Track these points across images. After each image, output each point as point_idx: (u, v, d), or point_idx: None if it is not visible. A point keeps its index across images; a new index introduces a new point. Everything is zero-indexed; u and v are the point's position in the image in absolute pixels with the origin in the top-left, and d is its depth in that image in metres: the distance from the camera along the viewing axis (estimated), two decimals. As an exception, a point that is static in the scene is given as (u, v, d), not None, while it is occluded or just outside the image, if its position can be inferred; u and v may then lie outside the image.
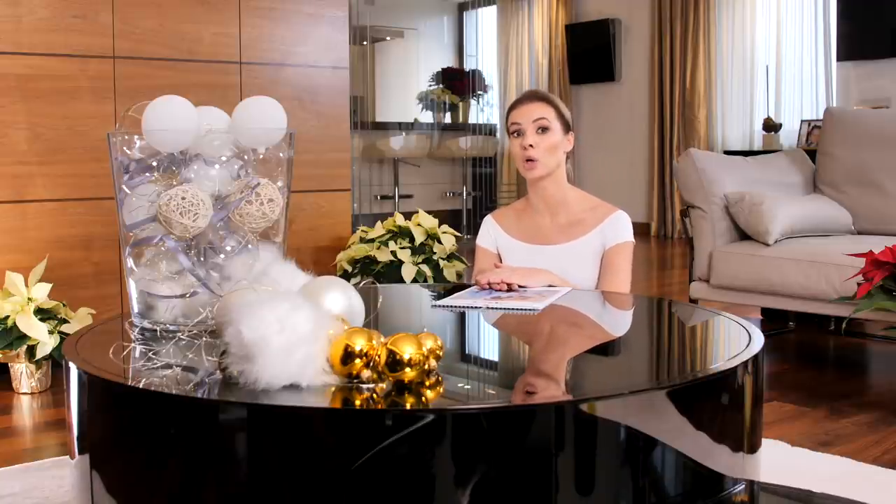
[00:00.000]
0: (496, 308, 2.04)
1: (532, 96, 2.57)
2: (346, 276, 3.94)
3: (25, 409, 3.08)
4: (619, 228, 2.52)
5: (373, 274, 3.89)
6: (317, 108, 4.23)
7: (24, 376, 3.22)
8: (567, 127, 2.56)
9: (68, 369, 1.52)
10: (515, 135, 2.53)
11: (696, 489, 1.40)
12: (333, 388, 1.33)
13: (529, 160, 2.49)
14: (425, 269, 3.81)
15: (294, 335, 1.32)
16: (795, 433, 2.73)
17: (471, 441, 1.23)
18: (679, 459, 1.36)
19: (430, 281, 3.76)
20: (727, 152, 7.66)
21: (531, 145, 2.48)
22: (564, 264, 2.47)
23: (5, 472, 2.40)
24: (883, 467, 2.44)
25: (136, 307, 1.80)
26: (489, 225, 2.66)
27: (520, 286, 2.24)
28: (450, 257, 3.91)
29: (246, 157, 1.81)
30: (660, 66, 8.69)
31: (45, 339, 3.14)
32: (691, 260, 3.96)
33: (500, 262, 2.59)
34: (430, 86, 9.63)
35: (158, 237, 1.75)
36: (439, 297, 2.27)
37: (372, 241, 4.05)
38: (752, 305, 4.03)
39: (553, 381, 1.52)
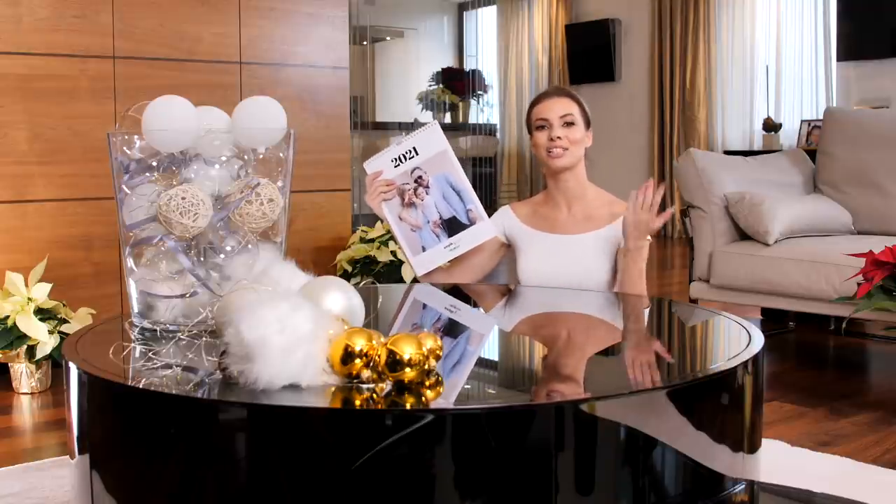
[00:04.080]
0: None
1: (557, 92, 2.59)
2: (346, 276, 3.94)
3: (25, 409, 3.08)
4: None
5: (373, 274, 3.89)
6: (317, 108, 4.23)
7: (24, 376, 3.22)
8: (588, 124, 2.58)
9: (68, 369, 1.51)
10: (540, 129, 2.54)
11: (696, 489, 1.40)
12: (333, 388, 1.33)
13: (556, 149, 2.50)
14: (425, 269, 3.80)
15: (294, 335, 1.32)
16: (795, 433, 2.73)
17: (471, 441, 1.23)
18: (679, 459, 1.36)
19: (430, 281, 3.76)
20: (727, 152, 7.65)
21: (559, 137, 2.50)
22: (577, 255, 2.49)
23: (5, 472, 2.40)
24: (883, 467, 2.44)
25: (136, 307, 1.80)
26: (504, 213, 2.67)
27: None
28: (450, 257, 3.90)
29: (246, 157, 1.81)
30: (660, 66, 8.69)
31: (45, 339, 3.14)
32: (691, 260, 3.96)
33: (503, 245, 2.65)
34: (430, 86, 9.63)
35: (158, 237, 1.75)
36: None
37: (372, 241, 4.05)
38: (752, 305, 4.03)
39: (553, 381, 1.52)
